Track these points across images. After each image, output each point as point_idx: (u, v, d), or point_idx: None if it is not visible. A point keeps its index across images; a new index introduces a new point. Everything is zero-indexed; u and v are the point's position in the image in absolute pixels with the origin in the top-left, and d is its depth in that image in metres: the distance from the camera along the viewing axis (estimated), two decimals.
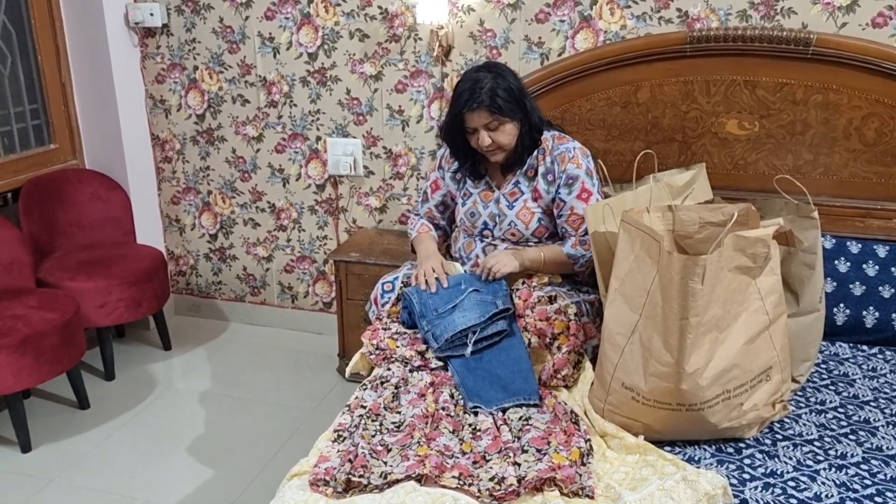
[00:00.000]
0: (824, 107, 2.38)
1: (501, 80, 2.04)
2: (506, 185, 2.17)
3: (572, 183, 2.09)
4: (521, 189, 2.15)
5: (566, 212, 2.10)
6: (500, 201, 2.16)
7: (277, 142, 3.17)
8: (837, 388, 1.92)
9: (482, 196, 2.20)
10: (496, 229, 2.17)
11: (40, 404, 2.83)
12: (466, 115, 2.04)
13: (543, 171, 2.12)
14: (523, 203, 2.14)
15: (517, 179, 2.16)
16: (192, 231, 3.45)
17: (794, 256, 1.85)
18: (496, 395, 1.81)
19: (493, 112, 2.02)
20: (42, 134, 3.12)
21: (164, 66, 3.21)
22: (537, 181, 2.13)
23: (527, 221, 2.13)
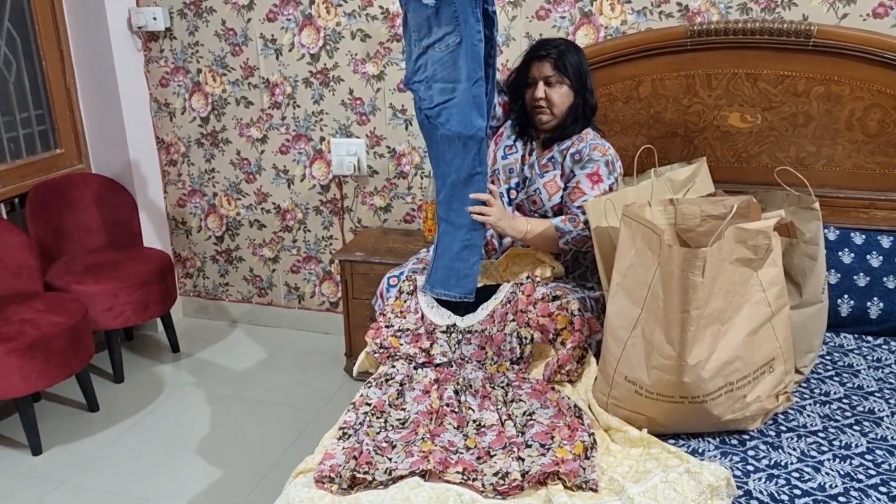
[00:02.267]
0: (826, 98, 2.37)
1: (574, 50, 2.19)
2: (543, 157, 2.23)
3: (589, 162, 2.14)
4: (554, 164, 2.20)
5: (572, 184, 2.14)
6: (534, 167, 2.22)
7: (281, 143, 3.18)
8: (842, 378, 1.92)
9: (523, 157, 2.26)
10: (521, 192, 2.23)
11: (50, 407, 2.85)
12: (532, 64, 2.17)
13: (573, 152, 2.18)
14: (553, 176, 2.19)
15: (553, 155, 2.21)
16: (198, 233, 3.47)
17: (796, 248, 1.85)
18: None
19: (556, 68, 2.14)
20: (48, 139, 3.14)
21: (168, 69, 3.23)
22: (566, 159, 2.18)
23: (551, 193, 2.18)
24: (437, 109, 2.00)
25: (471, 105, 1.95)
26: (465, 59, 1.92)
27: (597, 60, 2.54)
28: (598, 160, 2.14)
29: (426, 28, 1.98)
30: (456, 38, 1.92)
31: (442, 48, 1.95)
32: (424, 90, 2.02)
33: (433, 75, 1.99)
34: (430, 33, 1.97)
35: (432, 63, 1.99)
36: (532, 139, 2.27)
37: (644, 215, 1.73)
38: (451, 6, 1.90)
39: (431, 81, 2.00)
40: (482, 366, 1.95)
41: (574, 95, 2.18)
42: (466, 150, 1.99)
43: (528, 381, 1.87)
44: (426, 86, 2.01)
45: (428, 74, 2.01)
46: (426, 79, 2.01)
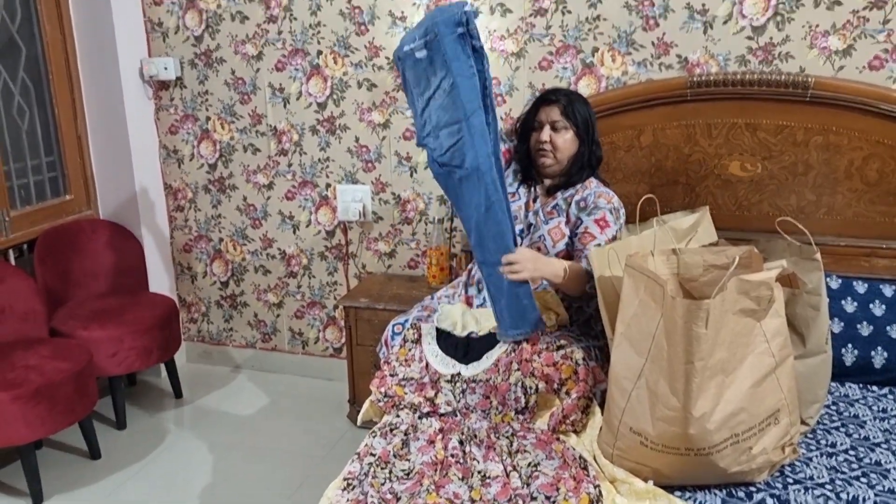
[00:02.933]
0: (825, 148, 2.41)
1: (582, 100, 2.25)
2: (547, 204, 2.26)
3: (595, 209, 2.17)
4: (558, 211, 2.23)
5: (581, 230, 2.16)
6: (538, 214, 2.25)
7: (288, 189, 3.22)
8: (848, 429, 1.91)
9: (526, 204, 2.29)
10: (527, 238, 2.24)
11: (52, 455, 2.84)
12: (541, 108, 2.22)
13: (578, 199, 2.21)
14: (558, 223, 2.21)
15: (557, 203, 2.24)
16: (203, 278, 3.49)
17: (799, 298, 1.86)
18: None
19: (564, 113, 2.19)
20: (58, 185, 3.19)
21: (178, 117, 3.29)
22: (571, 206, 2.21)
23: (556, 240, 2.19)
24: (449, 154, 2.01)
25: (475, 135, 1.96)
26: (462, 96, 1.94)
27: (599, 110, 2.58)
28: (604, 207, 2.16)
29: (424, 80, 2.03)
30: (450, 80, 1.95)
31: (440, 94, 1.99)
32: (433, 140, 2.05)
33: (438, 122, 2.02)
34: (428, 84, 2.02)
35: (435, 111, 2.02)
36: (535, 185, 2.31)
37: (647, 265, 1.74)
38: (440, 52, 1.94)
39: (438, 129, 2.03)
40: (487, 415, 1.95)
41: (579, 144, 2.22)
42: (480, 182, 1.98)
43: (532, 431, 1.87)
44: (434, 136, 2.05)
45: (433, 124, 2.04)
46: (433, 129, 2.05)
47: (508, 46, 2.74)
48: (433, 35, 1.95)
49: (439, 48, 1.94)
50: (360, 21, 2.90)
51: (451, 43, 1.92)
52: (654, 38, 2.57)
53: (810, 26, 2.41)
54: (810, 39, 2.42)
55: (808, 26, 2.41)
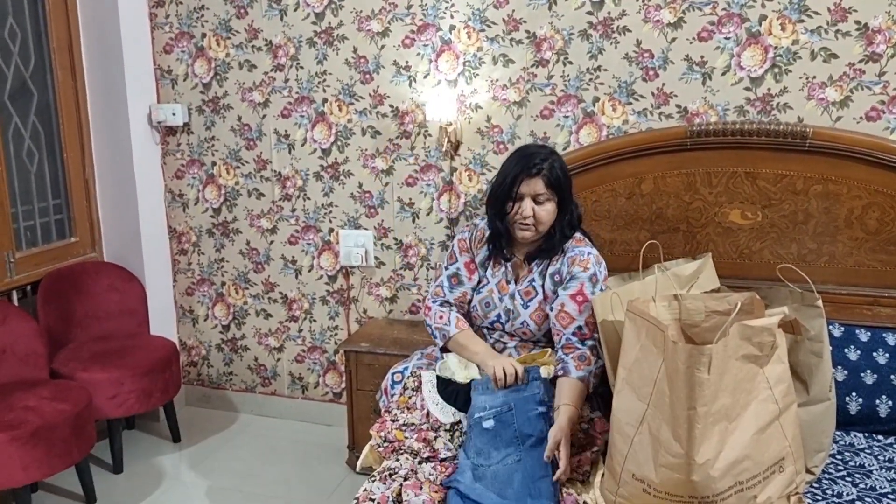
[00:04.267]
0: (825, 197, 2.43)
1: (559, 160, 2.10)
2: (522, 280, 2.14)
3: (571, 280, 2.07)
4: (535, 288, 2.12)
5: (556, 306, 2.05)
6: (515, 297, 2.14)
7: (291, 234, 3.24)
8: (854, 479, 1.88)
9: (499, 287, 2.17)
10: (507, 325, 2.16)
11: (47, 499, 2.80)
12: (522, 180, 2.03)
13: (552, 272, 2.11)
14: (537, 304, 2.12)
15: (533, 277, 2.13)
16: (205, 322, 3.49)
17: (801, 345, 1.85)
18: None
19: (548, 184, 2.03)
20: (63, 228, 3.21)
21: (184, 161, 3.33)
22: (546, 281, 2.12)
23: (539, 323, 2.12)
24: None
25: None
26: (520, 476, 1.81)
27: (599, 158, 2.63)
28: (581, 277, 2.05)
29: (486, 451, 1.87)
30: (517, 457, 1.83)
31: (500, 467, 1.84)
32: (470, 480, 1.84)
33: (487, 482, 1.83)
34: (489, 456, 1.86)
35: (490, 477, 1.83)
36: (506, 261, 2.18)
37: (648, 311, 1.75)
38: (510, 427, 1.87)
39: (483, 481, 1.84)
40: None
41: (559, 211, 2.09)
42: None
43: None
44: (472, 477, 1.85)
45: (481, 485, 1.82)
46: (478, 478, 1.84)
47: (510, 96, 2.79)
48: (507, 408, 1.91)
49: (510, 423, 1.89)
50: (365, 70, 2.96)
51: (524, 419, 1.89)
52: (653, 88, 2.62)
53: (807, 78, 2.45)
54: (808, 90, 2.46)
55: (805, 78, 2.46)
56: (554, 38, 2.70)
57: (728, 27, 2.50)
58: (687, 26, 2.54)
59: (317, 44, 3.01)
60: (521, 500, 1.73)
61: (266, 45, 3.09)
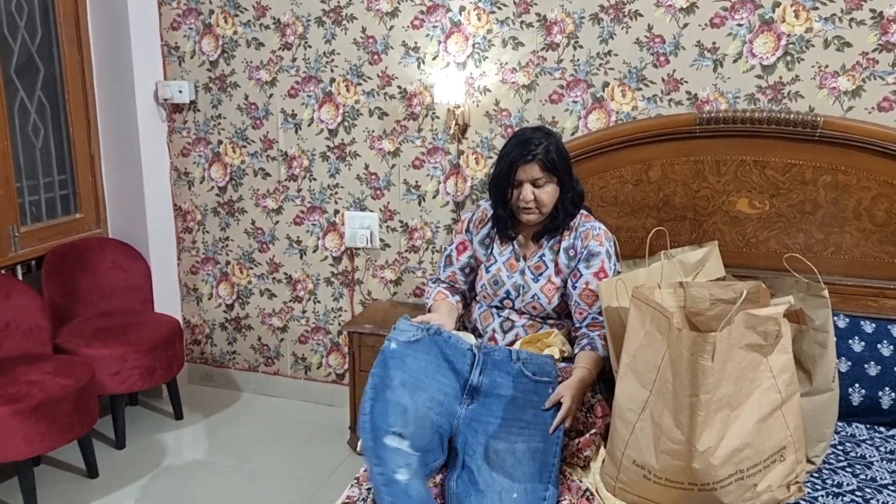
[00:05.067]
0: (833, 187, 2.41)
1: (556, 141, 2.12)
2: (532, 256, 2.19)
3: (592, 258, 2.11)
4: (546, 262, 2.16)
5: (581, 284, 2.10)
6: (525, 273, 2.17)
7: (296, 214, 3.24)
8: (854, 470, 1.88)
9: (507, 265, 2.20)
10: (518, 300, 2.17)
11: (50, 472, 2.82)
12: (519, 166, 2.07)
13: (566, 246, 2.15)
14: (548, 278, 2.15)
15: (543, 252, 2.18)
16: (209, 300, 3.50)
17: (806, 335, 1.85)
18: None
19: (545, 168, 2.07)
20: (69, 203, 3.21)
21: (190, 140, 3.32)
22: (559, 255, 2.15)
23: (550, 296, 2.14)
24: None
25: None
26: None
27: (608, 144, 2.61)
28: (600, 253, 2.11)
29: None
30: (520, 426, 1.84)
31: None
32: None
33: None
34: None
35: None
36: (514, 240, 2.22)
37: (653, 297, 1.74)
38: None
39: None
40: None
41: (560, 189, 2.12)
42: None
43: None
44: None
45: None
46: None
47: (520, 79, 2.77)
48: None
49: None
50: (374, 50, 2.94)
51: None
52: (664, 74, 2.60)
53: (820, 67, 2.43)
54: (819, 79, 2.44)
55: (817, 66, 2.43)
56: (564, 22, 2.67)
57: (741, 13, 2.47)
58: (699, 12, 2.52)
59: (325, 23, 2.99)
60: (523, 474, 1.73)
61: (274, 23, 3.07)
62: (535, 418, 1.83)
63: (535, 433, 1.80)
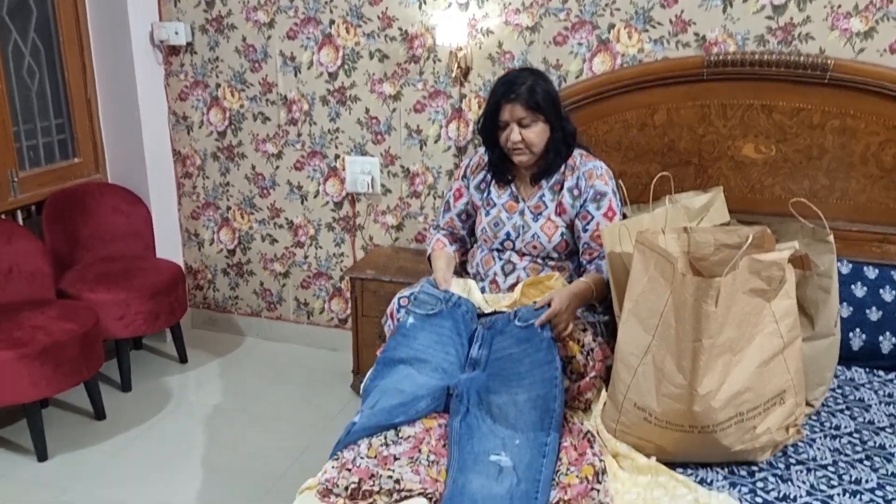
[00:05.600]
0: (841, 132, 2.38)
1: (541, 80, 2.10)
2: (531, 197, 2.18)
3: (600, 199, 2.10)
4: (546, 202, 2.16)
5: (592, 227, 2.10)
6: (524, 213, 2.17)
7: (297, 159, 3.21)
8: (853, 413, 1.91)
9: (507, 206, 2.20)
10: (518, 241, 2.17)
11: (57, 414, 2.86)
12: (503, 107, 2.07)
13: (570, 186, 2.14)
14: (547, 217, 2.15)
15: (542, 193, 2.17)
16: (210, 246, 3.49)
17: (810, 280, 1.85)
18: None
19: (529, 107, 2.05)
20: (67, 148, 3.18)
21: (188, 83, 3.27)
22: (562, 195, 2.14)
23: (550, 235, 2.14)
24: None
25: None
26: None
27: (612, 88, 2.57)
28: (607, 193, 2.11)
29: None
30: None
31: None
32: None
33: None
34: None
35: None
36: (511, 183, 2.22)
37: (657, 243, 1.73)
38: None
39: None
40: None
41: (551, 129, 2.10)
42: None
43: None
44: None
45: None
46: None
47: (523, 20, 2.70)
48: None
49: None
50: None
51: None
52: (671, 15, 2.53)
53: (832, 7, 2.37)
54: (831, 20, 2.38)
55: (829, 7, 2.37)
56: None
57: None
58: None
59: None
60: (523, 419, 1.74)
61: None
62: (532, 366, 1.84)
63: (534, 381, 1.81)
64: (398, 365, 1.92)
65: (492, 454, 1.64)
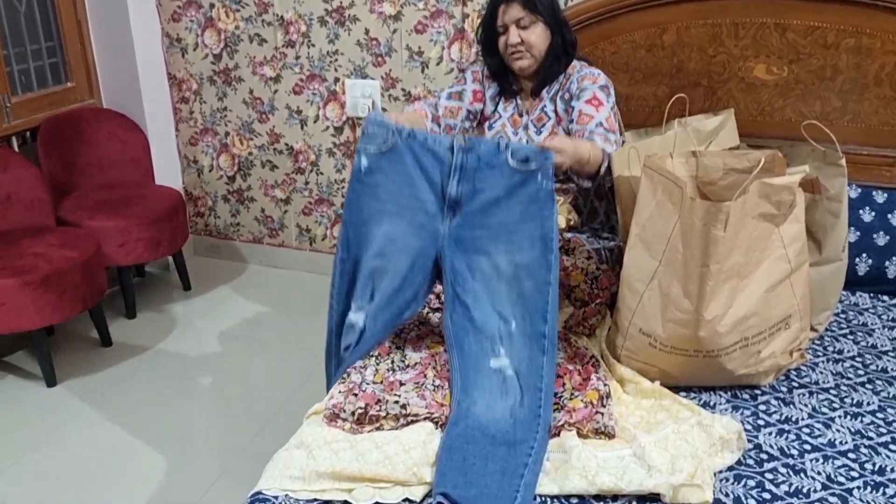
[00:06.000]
0: (856, 51, 2.31)
1: None
2: (533, 110, 2.14)
3: (583, 92, 2.05)
4: (548, 114, 2.12)
5: (575, 115, 2.03)
6: (528, 127, 2.14)
7: (295, 83, 3.13)
8: (856, 337, 1.91)
9: (511, 121, 2.17)
10: None
11: (64, 341, 2.89)
12: (500, 9, 2.03)
13: (562, 94, 2.11)
14: (550, 129, 2.11)
15: (544, 104, 2.13)
16: (210, 172, 3.45)
17: (819, 204, 1.82)
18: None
19: (526, 7, 2.00)
20: (59, 72, 3.10)
21: (180, 3, 3.16)
22: (557, 104, 2.11)
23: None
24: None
25: None
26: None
27: (620, 6, 2.47)
28: (591, 87, 2.04)
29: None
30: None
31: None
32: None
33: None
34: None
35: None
36: (516, 95, 2.17)
37: (665, 167, 1.70)
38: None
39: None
40: None
41: (550, 33, 2.06)
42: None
43: None
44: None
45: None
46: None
47: None
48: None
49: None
50: None
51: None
52: None
53: None
54: None
55: None
56: None
57: None
58: None
59: None
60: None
61: None
62: (524, 216, 1.64)
63: (523, 242, 1.64)
64: (371, 227, 1.75)
65: (491, 358, 1.60)
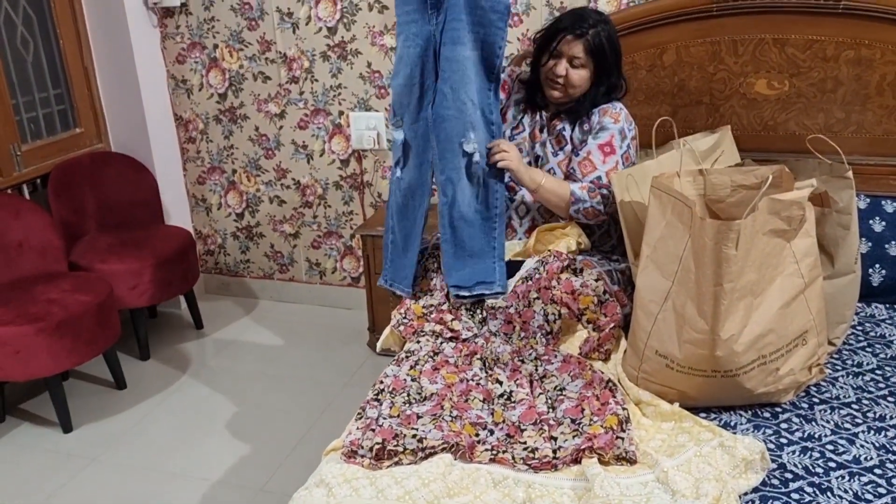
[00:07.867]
0: (856, 63, 2.32)
1: (607, 29, 2.05)
2: (554, 129, 2.14)
3: (601, 131, 2.05)
4: (565, 138, 2.11)
5: (583, 153, 2.05)
6: (546, 145, 2.13)
7: (300, 118, 3.16)
8: (874, 349, 1.89)
9: (532, 135, 2.17)
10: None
11: (78, 385, 2.89)
12: (564, 38, 2.02)
13: (582, 122, 2.11)
14: (567, 153, 2.11)
15: (564, 126, 2.12)
16: (218, 210, 3.47)
17: (829, 217, 1.82)
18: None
19: (588, 51, 2.01)
20: (67, 118, 3.14)
21: (185, 45, 3.21)
22: (575, 130, 2.11)
23: (566, 172, 2.10)
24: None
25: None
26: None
27: (620, 28, 2.48)
28: (611, 128, 2.05)
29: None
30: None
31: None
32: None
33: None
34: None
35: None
36: (540, 111, 2.18)
37: (673, 186, 1.70)
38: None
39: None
40: (509, 340, 1.94)
41: (596, 81, 2.07)
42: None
43: (558, 355, 1.85)
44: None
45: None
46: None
47: None
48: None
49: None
50: None
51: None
52: None
53: None
54: None
55: None
56: None
57: None
58: None
59: None
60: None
61: None
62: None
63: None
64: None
65: (462, 141, 1.96)
